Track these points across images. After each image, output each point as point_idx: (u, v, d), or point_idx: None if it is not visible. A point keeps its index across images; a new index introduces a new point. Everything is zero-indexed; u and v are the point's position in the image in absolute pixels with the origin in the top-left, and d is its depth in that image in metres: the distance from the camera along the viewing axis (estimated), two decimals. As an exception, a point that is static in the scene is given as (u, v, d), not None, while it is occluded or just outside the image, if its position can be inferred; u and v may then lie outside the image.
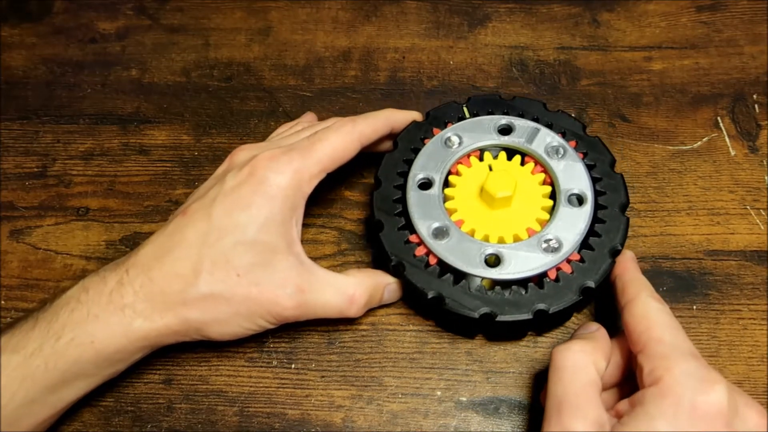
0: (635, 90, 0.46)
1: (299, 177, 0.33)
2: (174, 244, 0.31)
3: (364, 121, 0.36)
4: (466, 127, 0.39)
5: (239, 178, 0.32)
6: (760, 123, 0.44)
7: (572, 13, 0.50)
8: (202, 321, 0.31)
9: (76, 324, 0.29)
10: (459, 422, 0.34)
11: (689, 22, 0.50)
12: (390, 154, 0.38)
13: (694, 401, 0.26)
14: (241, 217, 0.32)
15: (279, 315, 0.32)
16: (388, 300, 0.36)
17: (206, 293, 0.31)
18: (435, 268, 0.34)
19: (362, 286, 0.34)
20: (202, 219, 0.32)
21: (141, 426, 0.34)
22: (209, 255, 0.31)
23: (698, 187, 0.41)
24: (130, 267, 0.31)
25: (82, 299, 0.30)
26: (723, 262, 0.39)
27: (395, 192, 0.37)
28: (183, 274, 0.31)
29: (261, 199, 0.32)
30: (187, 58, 0.49)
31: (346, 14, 0.50)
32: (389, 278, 0.36)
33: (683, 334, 0.29)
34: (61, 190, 0.43)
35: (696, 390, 0.26)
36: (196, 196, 0.34)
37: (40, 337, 0.29)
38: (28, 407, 0.29)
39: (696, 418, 0.26)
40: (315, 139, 0.34)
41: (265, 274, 0.32)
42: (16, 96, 0.48)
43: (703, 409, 0.26)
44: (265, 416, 0.34)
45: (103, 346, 0.30)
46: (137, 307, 0.30)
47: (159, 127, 0.45)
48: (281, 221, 0.32)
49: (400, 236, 0.35)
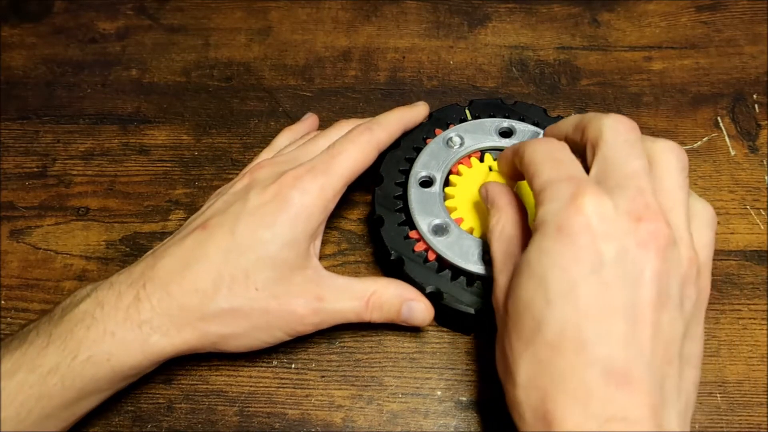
0: (635, 90, 0.46)
1: (324, 196, 0.33)
2: (194, 259, 0.31)
3: (380, 128, 0.36)
4: (467, 129, 0.39)
5: (265, 197, 0.32)
6: (760, 123, 0.44)
7: (572, 13, 0.50)
8: (220, 335, 0.31)
9: (93, 342, 0.29)
10: (459, 422, 0.34)
11: (689, 22, 0.50)
12: (392, 152, 0.39)
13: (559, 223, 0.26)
14: (265, 234, 0.31)
15: (298, 325, 0.32)
16: (411, 320, 0.34)
17: (225, 308, 0.31)
18: (434, 263, 0.35)
19: (379, 291, 0.33)
20: (224, 235, 0.32)
21: (141, 426, 0.34)
22: (229, 271, 0.31)
23: (698, 187, 0.41)
24: (148, 281, 0.31)
25: (98, 315, 0.30)
26: (723, 261, 0.39)
27: (396, 189, 0.37)
28: (202, 289, 0.31)
29: (286, 218, 0.32)
30: (187, 58, 0.49)
31: (346, 14, 0.51)
32: (414, 294, 0.34)
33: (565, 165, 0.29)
34: (61, 190, 0.43)
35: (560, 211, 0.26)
36: (215, 210, 0.34)
37: (56, 355, 0.29)
38: (42, 423, 0.29)
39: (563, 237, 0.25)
40: (335, 152, 0.34)
41: (282, 287, 0.32)
42: (16, 96, 0.48)
43: (569, 228, 0.25)
44: (265, 416, 0.34)
45: (120, 363, 0.29)
46: (154, 323, 0.30)
47: (159, 127, 0.45)
48: (304, 239, 0.32)
49: (400, 232, 0.36)
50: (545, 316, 0.25)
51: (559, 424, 0.24)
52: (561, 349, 0.25)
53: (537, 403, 0.25)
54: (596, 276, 0.25)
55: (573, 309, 0.25)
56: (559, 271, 0.25)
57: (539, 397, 0.25)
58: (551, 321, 0.25)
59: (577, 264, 0.25)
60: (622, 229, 0.25)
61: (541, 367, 0.25)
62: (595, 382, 0.24)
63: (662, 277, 0.25)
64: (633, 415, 0.23)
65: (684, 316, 0.26)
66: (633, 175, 0.27)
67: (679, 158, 0.29)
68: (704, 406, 0.34)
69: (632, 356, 0.24)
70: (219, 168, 0.43)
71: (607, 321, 0.24)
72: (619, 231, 0.25)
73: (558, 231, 0.26)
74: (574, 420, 0.24)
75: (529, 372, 0.26)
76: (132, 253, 0.40)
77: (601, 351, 0.24)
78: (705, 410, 0.34)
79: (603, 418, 0.23)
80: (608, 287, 0.25)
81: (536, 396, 0.25)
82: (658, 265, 0.25)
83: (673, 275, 0.26)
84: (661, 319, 0.25)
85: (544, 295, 0.25)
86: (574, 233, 0.25)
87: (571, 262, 0.25)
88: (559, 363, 0.25)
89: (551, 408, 0.24)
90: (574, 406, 0.24)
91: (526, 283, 0.26)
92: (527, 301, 0.26)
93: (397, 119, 0.37)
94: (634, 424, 0.23)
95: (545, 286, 0.25)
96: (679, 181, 0.28)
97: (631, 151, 0.28)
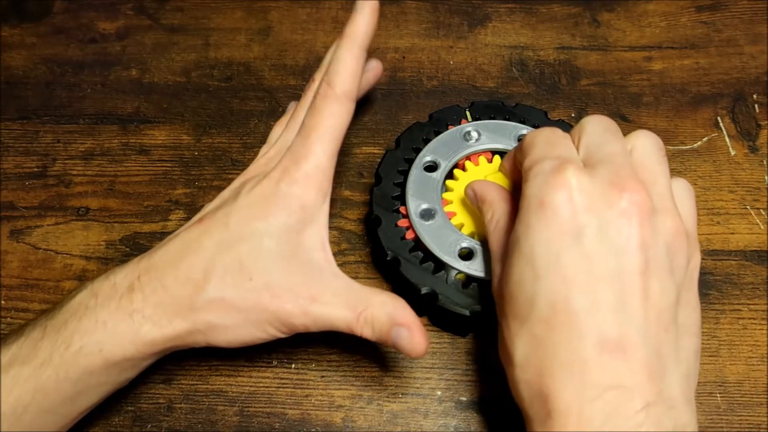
0: (635, 90, 0.46)
1: (314, 180, 0.32)
2: (189, 250, 0.31)
3: (338, 76, 0.32)
4: (488, 127, 0.39)
5: (257, 190, 0.32)
6: (760, 123, 0.44)
7: (572, 13, 0.50)
8: (212, 326, 0.31)
9: (85, 332, 0.29)
10: (459, 422, 0.34)
11: (689, 22, 0.50)
12: (391, 152, 0.39)
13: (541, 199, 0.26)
14: (259, 225, 0.31)
15: (289, 323, 0.31)
16: (398, 347, 0.30)
17: (216, 297, 0.30)
18: (430, 264, 0.34)
19: (373, 307, 0.30)
20: (218, 227, 0.32)
21: (141, 426, 0.34)
22: (223, 260, 0.31)
23: (698, 187, 0.41)
24: (143, 273, 0.31)
25: (91, 305, 0.30)
26: (723, 262, 0.39)
27: (395, 189, 0.37)
28: (194, 278, 0.30)
29: (278, 210, 0.31)
30: (187, 58, 0.49)
31: (346, 14, 0.50)
32: (408, 320, 0.30)
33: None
34: (61, 190, 0.43)
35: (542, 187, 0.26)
36: (212, 206, 0.34)
37: (50, 347, 0.29)
38: (42, 418, 0.29)
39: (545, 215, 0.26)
40: (307, 132, 0.32)
41: (276, 279, 0.31)
42: (16, 96, 0.48)
43: (551, 205, 0.26)
44: (265, 416, 0.34)
45: (112, 354, 0.29)
46: (146, 313, 0.30)
47: (159, 127, 0.45)
48: (300, 229, 0.32)
49: (397, 233, 0.36)
50: (536, 290, 0.25)
51: (555, 398, 0.24)
52: (553, 322, 0.25)
53: (534, 379, 0.25)
54: (579, 246, 0.25)
55: (560, 281, 0.25)
56: (543, 244, 0.26)
57: (536, 373, 0.25)
58: (541, 295, 0.25)
59: (559, 236, 0.25)
60: (604, 201, 0.26)
61: (537, 344, 0.25)
62: (588, 352, 0.24)
63: (648, 245, 0.25)
64: (629, 382, 0.23)
65: (675, 283, 0.26)
66: (613, 152, 0.28)
67: (654, 141, 0.30)
68: (704, 406, 0.34)
69: (624, 324, 0.24)
70: (219, 168, 0.43)
71: (595, 290, 0.24)
72: (600, 202, 0.25)
73: (540, 205, 0.26)
74: (570, 392, 0.24)
75: (525, 350, 0.26)
76: (132, 253, 0.40)
77: (592, 321, 0.24)
78: (705, 410, 0.34)
79: (600, 387, 0.23)
80: (593, 257, 0.25)
81: (533, 372, 0.25)
82: (642, 233, 0.25)
83: (660, 243, 0.26)
84: (651, 286, 0.25)
85: (533, 271, 0.26)
86: (555, 206, 0.26)
87: (554, 234, 0.25)
88: (552, 337, 0.25)
89: (548, 382, 0.24)
90: (569, 379, 0.24)
91: (516, 261, 0.27)
92: (519, 279, 0.26)
93: (348, 54, 0.33)
94: (632, 391, 0.23)
95: (533, 262, 0.26)
96: (658, 158, 0.29)
97: (611, 137, 0.29)
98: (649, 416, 0.23)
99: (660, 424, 0.23)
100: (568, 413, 0.24)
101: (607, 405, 0.23)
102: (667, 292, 0.25)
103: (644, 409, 0.23)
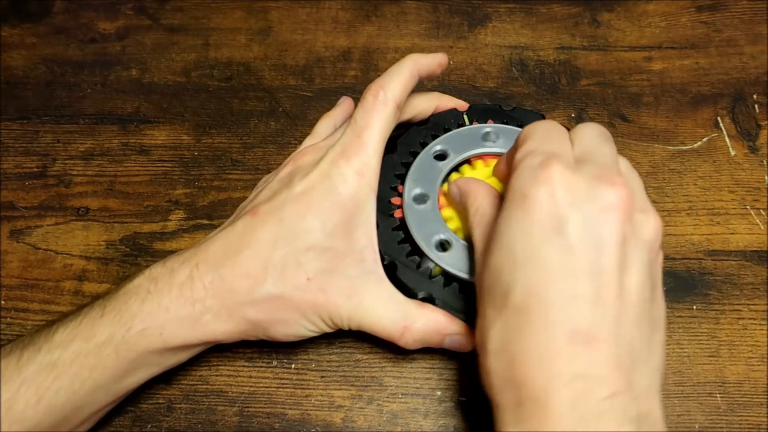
0: (635, 90, 0.46)
1: (365, 179, 0.33)
2: (245, 244, 0.32)
3: (393, 84, 0.34)
4: (504, 131, 0.38)
5: (307, 183, 0.32)
6: (760, 123, 0.44)
7: (572, 13, 0.50)
8: (269, 321, 0.32)
9: (147, 314, 0.30)
10: (459, 422, 0.34)
11: (689, 22, 0.50)
12: (389, 156, 0.38)
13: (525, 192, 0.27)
14: (312, 222, 0.32)
15: (337, 321, 0.32)
16: (451, 348, 0.34)
17: (276, 294, 0.31)
18: (427, 269, 0.34)
19: (421, 322, 0.32)
20: (273, 221, 0.32)
21: (141, 426, 0.34)
22: (280, 257, 0.31)
23: (698, 187, 0.41)
24: (201, 262, 0.31)
25: (152, 290, 0.30)
26: (723, 262, 0.39)
27: (392, 193, 0.37)
28: (253, 274, 0.31)
29: (330, 205, 0.32)
30: (187, 58, 0.49)
31: (346, 14, 0.51)
32: (455, 327, 0.33)
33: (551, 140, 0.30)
34: (61, 190, 0.43)
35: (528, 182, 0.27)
36: (263, 197, 0.34)
37: (111, 326, 0.29)
38: (92, 395, 0.29)
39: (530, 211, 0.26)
40: (359, 129, 0.33)
41: (331, 280, 0.32)
42: (16, 96, 0.48)
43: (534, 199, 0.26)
44: (265, 416, 0.34)
45: (172, 338, 0.30)
46: (207, 303, 0.31)
47: (159, 127, 0.46)
48: (352, 226, 0.32)
49: (394, 236, 0.35)
50: (513, 280, 0.26)
51: (527, 386, 0.24)
52: (527, 312, 0.25)
53: (505, 367, 0.25)
54: (560, 240, 0.25)
55: (537, 272, 0.25)
56: (523, 236, 0.26)
57: (508, 360, 0.25)
58: (518, 285, 0.26)
59: (540, 228, 0.26)
60: (587, 196, 0.26)
61: (510, 333, 0.26)
62: (559, 342, 0.24)
63: (628, 241, 0.26)
64: (596, 372, 0.24)
65: (651, 279, 0.27)
66: (604, 153, 0.28)
67: (594, 126, 0.31)
68: (704, 406, 0.34)
69: (597, 317, 0.25)
70: (219, 168, 0.43)
71: (572, 283, 0.25)
72: (583, 197, 0.26)
73: (523, 198, 0.26)
74: (540, 380, 0.24)
75: (499, 339, 0.26)
76: (132, 253, 0.40)
77: (565, 312, 0.25)
78: (705, 410, 0.34)
79: (568, 376, 0.24)
80: (572, 251, 0.25)
81: (505, 361, 0.26)
82: (623, 230, 0.26)
83: (639, 240, 0.26)
84: (628, 281, 0.25)
85: (512, 261, 0.26)
86: (538, 199, 0.26)
87: (535, 227, 0.26)
88: (525, 327, 0.25)
89: (520, 371, 0.25)
90: (539, 367, 0.24)
91: (496, 251, 0.27)
92: (497, 268, 0.27)
93: (408, 69, 0.35)
94: (599, 380, 0.24)
95: (513, 253, 0.26)
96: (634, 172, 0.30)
97: (603, 141, 0.29)
98: (614, 405, 0.23)
99: (625, 413, 0.24)
100: (537, 400, 0.24)
101: (573, 392, 0.24)
102: (644, 288, 0.26)
103: (609, 398, 0.23)
